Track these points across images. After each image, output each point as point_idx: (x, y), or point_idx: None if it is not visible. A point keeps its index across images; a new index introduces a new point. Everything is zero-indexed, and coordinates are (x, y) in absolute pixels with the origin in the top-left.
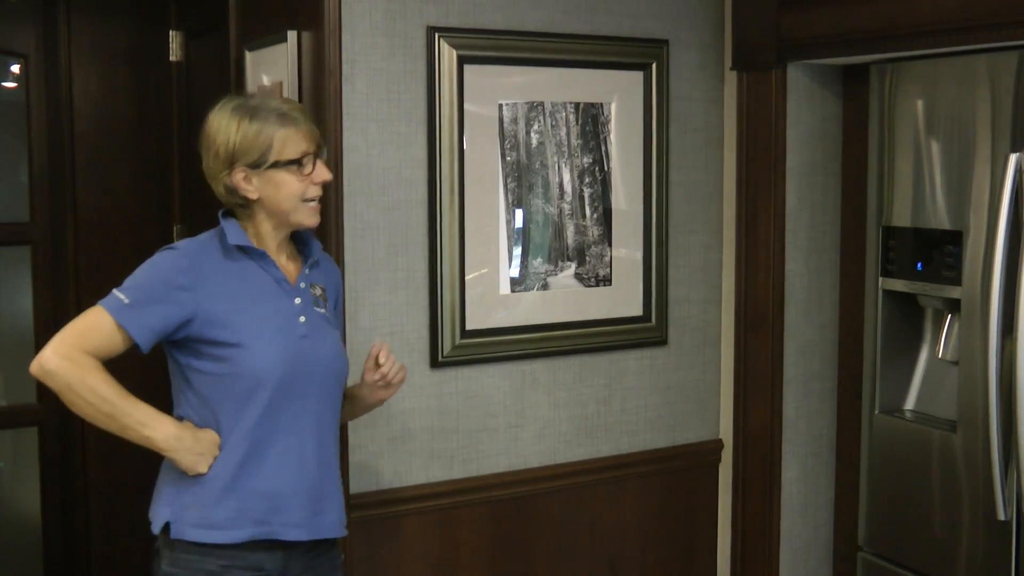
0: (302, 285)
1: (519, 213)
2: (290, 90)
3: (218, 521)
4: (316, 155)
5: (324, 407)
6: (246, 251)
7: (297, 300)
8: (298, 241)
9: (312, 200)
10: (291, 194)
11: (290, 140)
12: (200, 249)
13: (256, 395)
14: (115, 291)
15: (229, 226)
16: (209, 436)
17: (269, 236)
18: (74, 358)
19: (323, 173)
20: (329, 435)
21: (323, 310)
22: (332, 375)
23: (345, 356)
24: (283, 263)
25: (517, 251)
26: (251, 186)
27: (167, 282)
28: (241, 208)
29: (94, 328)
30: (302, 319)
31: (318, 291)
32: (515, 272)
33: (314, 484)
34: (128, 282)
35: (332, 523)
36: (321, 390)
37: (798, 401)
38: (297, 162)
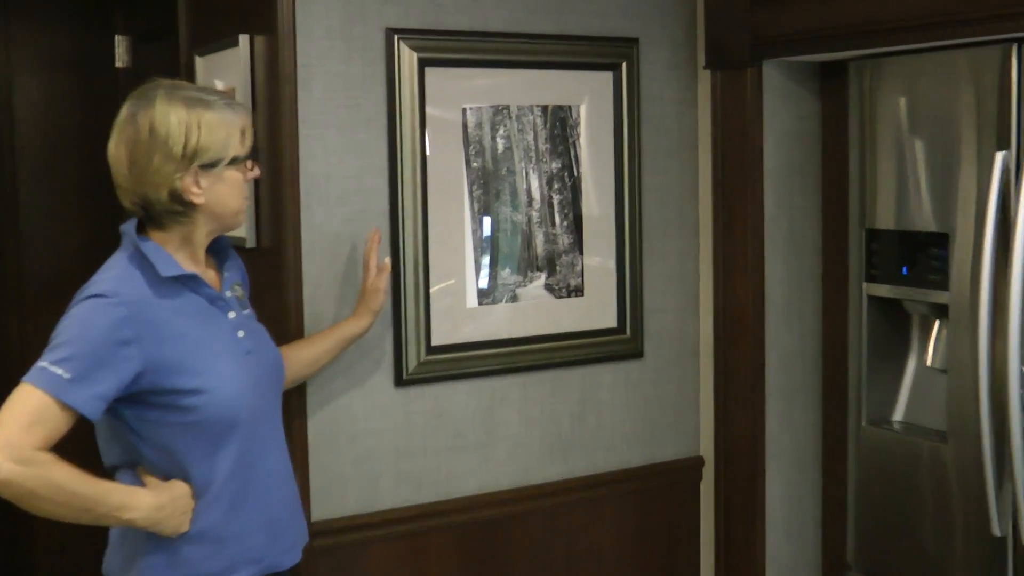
0: (228, 294)
1: (486, 221)
2: (243, 96)
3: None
4: (252, 150)
5: (279, 412)
6: (178, 278)
7: (231, 314)
8: None
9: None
10: (241, 194)
11: (246, 131)
12: (131, 290)
13: (229, 437)
14: (47, 365)
15: (154, 253)
16: (183, 491)
17: (199, 247)
18: (28, 459)
19: (258, 170)
20: (284, 439)
21: (248, 310)
22: (279, 379)
23: (277, 348)
24: (207, 275)
25: (485, 261)
26: (199, 189)
27: (108, 340)
28: (172, 217)
29: (38, 417)
30: (241, 334)
31: (239, 291)
32: (483, 283)
33: (296, 496)
34: (61, 351)
35: (304, 535)
36: (276, 399)
37: (781, 413)
38: (253, 155)
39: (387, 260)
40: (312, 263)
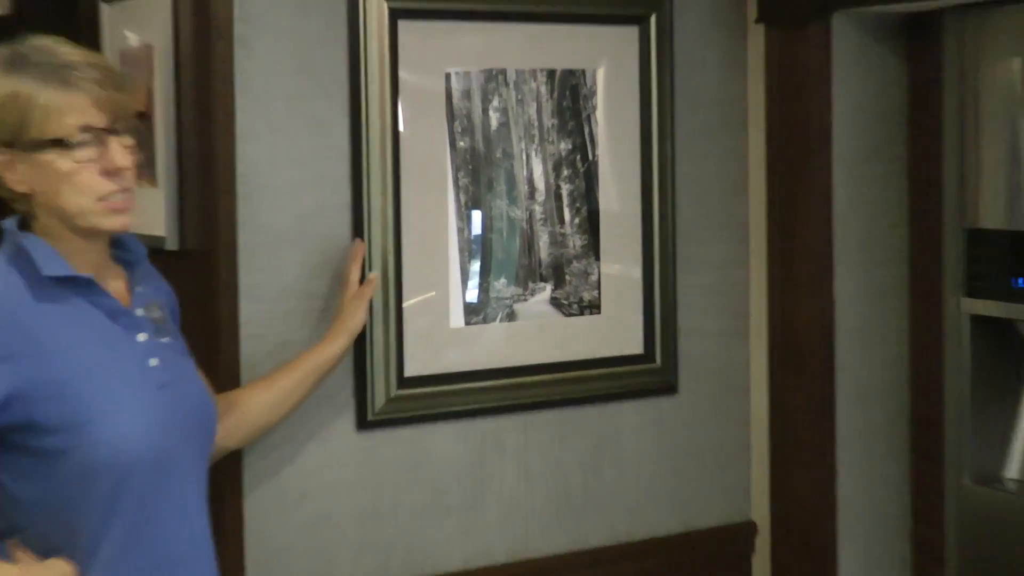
0: (139, 312)
1: (475, 218)
2: (166, 58)
3: None
4: (110, 131)
5: (202, 469)
6: (66, 281)
7: (141, 336)
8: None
9: (110, 196)
10: (72, 188)
11: (62, 107)
12: (4, 291)
13: (123, 492)
14: None
15: (34, 245)
16: (61, 570)
17: (81, 249)
18: None
19: (117, 158)
20: (205, 502)
21: (169, 338)
22: (204, 427)
23: (210, 392)
24: (108, 286)
25: (474, 269)
26: (15, 174)
27: None
28: (22, 207)
29: None
30: (153, 361)
31: (156, 313)
32: (471, 297)
33: (213, 566)
34: None
35: None
36: (198, 451)
37: (857, 468)
38: (61, 141)
39: (374, 274)
40: (252, 271)
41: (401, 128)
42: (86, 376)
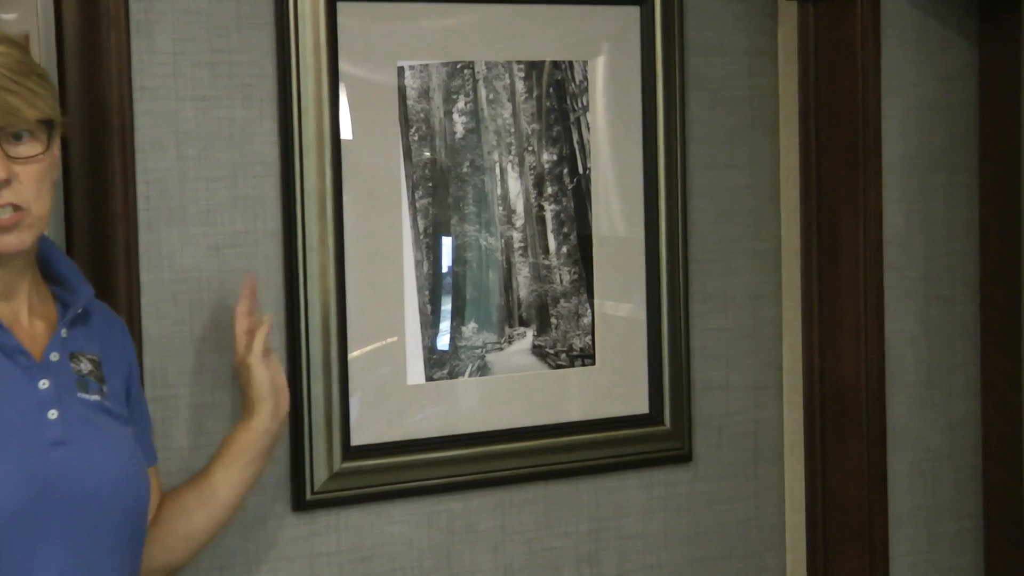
0: (54, 357)
1: (437, 248)
2: (46, 46)
3: None
4: None
5: (98, 561)
6: None
7: (43, 383)
8: (52, 279)
9: None
10: None
11: None
12: None
13: None
14: None
15: None
16: None
17: None
18: None
19: None
20: None
21: (97, 396)
22: (111, 506)
23: (142, 473)
24: (22, 321)
25: (436, 312)
26: None
27: None
28: None
29: None
30: (53, 414)
31: (86, 366)
32: (433, 347)
33: None
34: None
35: None
36: (90, 534)
37: (917, 554)
38: None
39: (268, 316)
40: (156, 317)
41: (343, 136)
42: None
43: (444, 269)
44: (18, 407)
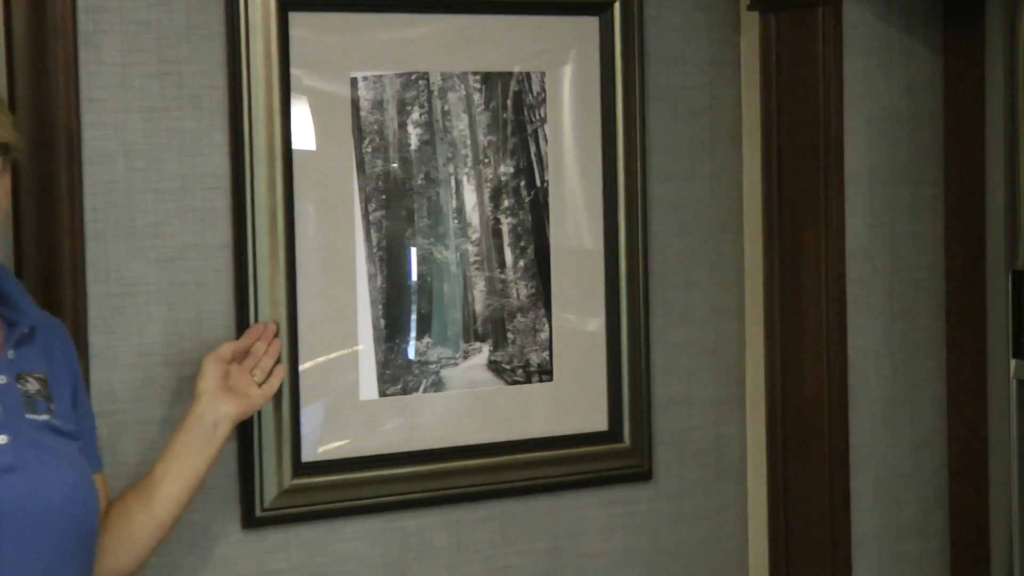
0: (1, 380)
1: (391, 262)
2: None
3: None
4: None
5: None
6: None
7: None
8: None
9: None
10: None
11: None
12: None
13: None
14: None
15: None
16: None
17: None
18: None
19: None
20: None
21: (45, 416)
22: (63, 528)
23: (93, 493)
24: None
25: (389, 326)
26: None
27: None
28: None
29: None
30: (2, 439)
31: (33, 385)
32: (386, 362)
33: None
34: None
35: None
36: (43, 556)
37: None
38: None
39: (272, 324)
40: (103, 331)
41: (295, 147)
42: None
43: (398, 283)
44: None
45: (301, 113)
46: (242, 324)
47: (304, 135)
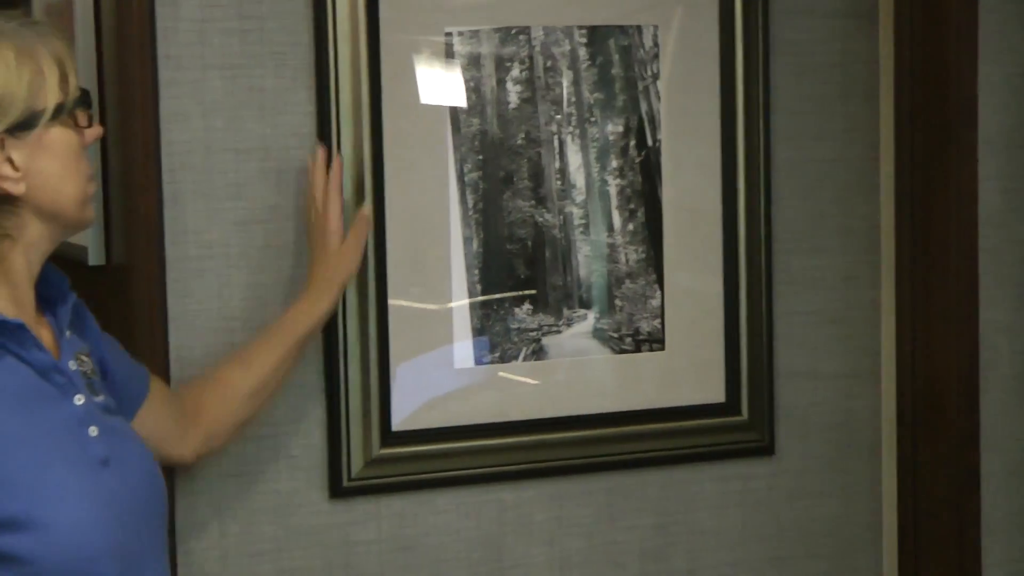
0: (72, 365)
1: (490, 224)
2: (84, 13)
3: None
4: None
5: (161, 558)
6: None
7: (78, 398)
8: None
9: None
10: (79, 167)
11: (66, 64)
12: None
13: None
14: None
15: None
16: None
17: (25, 278)
18: None
19: (95, 127)
20: None
21: (103, 396)
22: (158, 503)
23: (159, 469)
24: (41, 332)
25: (488, 291)
26: (13, 170)
27: None
28: None
29: None
30: (93, 431)
31: (87, 364)
32: (483, 329)
33: None
34: None
35: None
36: (154, 536)
37: (1012, 564)
38: (85, 101)
39: (367, 208)
40: (182, 294)
41: (384, 106)
42: (11, 460)
43: (495, 247)
44: (66, 432)
45: (390, 70)
46: None
47: (394, 93)
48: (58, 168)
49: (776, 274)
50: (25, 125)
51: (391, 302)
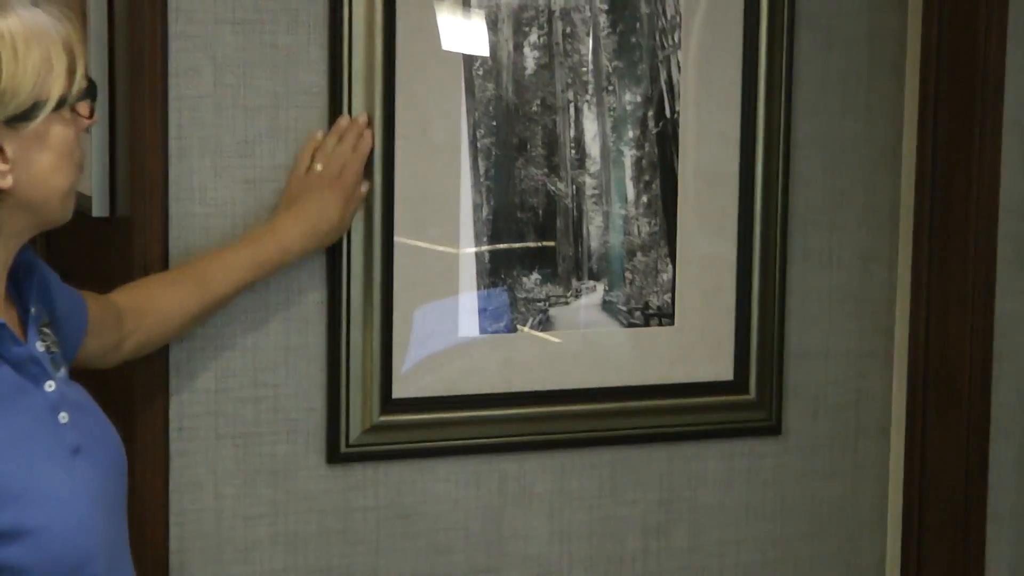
0: (40, 347)
1: (500, 191)
2: None
3: None
4: None
5: (125, 529)
6: None
7: (49, 385)
8: None
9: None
10: (71, 160)
11: (76, 51)
12: None
13: None
14: None
15: None
16: None
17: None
18: None
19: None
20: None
21: (64, 369)
22: (123, 478)
23: (110, 424)
24: (10, 318)
25: (496, 259)
26: (1, 162)
27: None
28: None
29: None
30: (63, 417)
31: (49, 336)
32: (489, 297)
33: None
34: None
35: None
36: (122, 511)
37: (1018, 558)
38: (88, 93)
39: (363, 115)
40: (186, 252)
41: (398, 67)
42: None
43: (505, 215)
44: (41, 424)
45: (405, 31)
46: (332, 252)
47: (408, 55)
48: (50, 160)
49: (791, 251)
50: (24, 117)
51: (397, 264)
